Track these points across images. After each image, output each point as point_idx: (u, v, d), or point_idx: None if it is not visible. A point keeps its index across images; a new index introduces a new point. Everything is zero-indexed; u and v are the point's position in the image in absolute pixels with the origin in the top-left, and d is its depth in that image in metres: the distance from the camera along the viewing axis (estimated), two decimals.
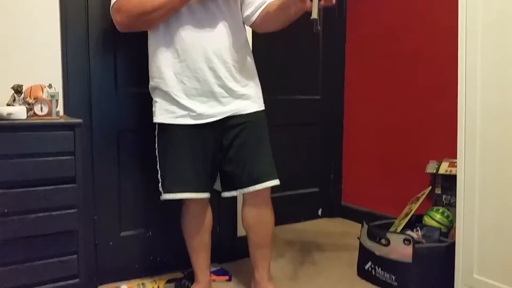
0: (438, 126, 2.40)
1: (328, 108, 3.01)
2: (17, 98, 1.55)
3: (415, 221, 2.09)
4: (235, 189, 1.71)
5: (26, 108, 1.50)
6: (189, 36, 1.59)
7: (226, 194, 1.75)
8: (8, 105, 1.55)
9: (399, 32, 2.62)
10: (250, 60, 1.75)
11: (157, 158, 1.72)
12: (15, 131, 1.41)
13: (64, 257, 1.50)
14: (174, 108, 1.64)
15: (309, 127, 2.97)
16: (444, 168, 2.23)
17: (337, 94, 3.02)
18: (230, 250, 2.23)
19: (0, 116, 1.41)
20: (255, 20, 1.70)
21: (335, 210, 3.05)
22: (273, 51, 2.71)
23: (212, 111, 1.64)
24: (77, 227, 1.51)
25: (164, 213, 2.04)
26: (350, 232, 2.67)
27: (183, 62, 1.61)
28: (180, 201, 1.75)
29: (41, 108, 1.53)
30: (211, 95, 1.63)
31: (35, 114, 1.52)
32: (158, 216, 2.06)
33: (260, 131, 1.73)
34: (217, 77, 1.61)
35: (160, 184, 1.70)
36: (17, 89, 1.56)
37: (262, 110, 1.75)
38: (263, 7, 1.67)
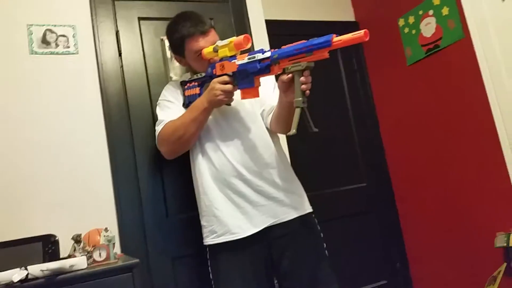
0: (500, 195, 2.26)
1: (377, 193, 2.94)
2: (77, 247, 1.65)
3: None
4: None
5: (86, 256, 1.59)
6: (218, 152, 1.67)
7: None
8: (69, 255, 1.65)
9: (432, 111, 2.61)
10: (284, 162, 1.74)
11: (212, 282, 1.71)
12: (76, 282, 1.48)
13: None
14: (215, 227, 1.66)
15: (360, 217, 2.88)
16: None
17: (383, 178, 2.97)
18: None
19: (63, 270, 1.49)
20: (270, 124, 1.71)
21: None
22: (308, 149, 2.70)
23: (250, 223, 1.63)
24: None
25: None
26: None
27: (218, 178, 1.67)
28: None
29: (100, 254, 1.61)
30: (248, 205, 1.64)
31: (94, 261, 1.59)
32: None
33: (310, 237, 1.69)
34: (251, 186, 1.64)
35: None
36: (77, 239, 1.66)
37: (308, 213, 1.71)
38: (273, 111, 1.68)
